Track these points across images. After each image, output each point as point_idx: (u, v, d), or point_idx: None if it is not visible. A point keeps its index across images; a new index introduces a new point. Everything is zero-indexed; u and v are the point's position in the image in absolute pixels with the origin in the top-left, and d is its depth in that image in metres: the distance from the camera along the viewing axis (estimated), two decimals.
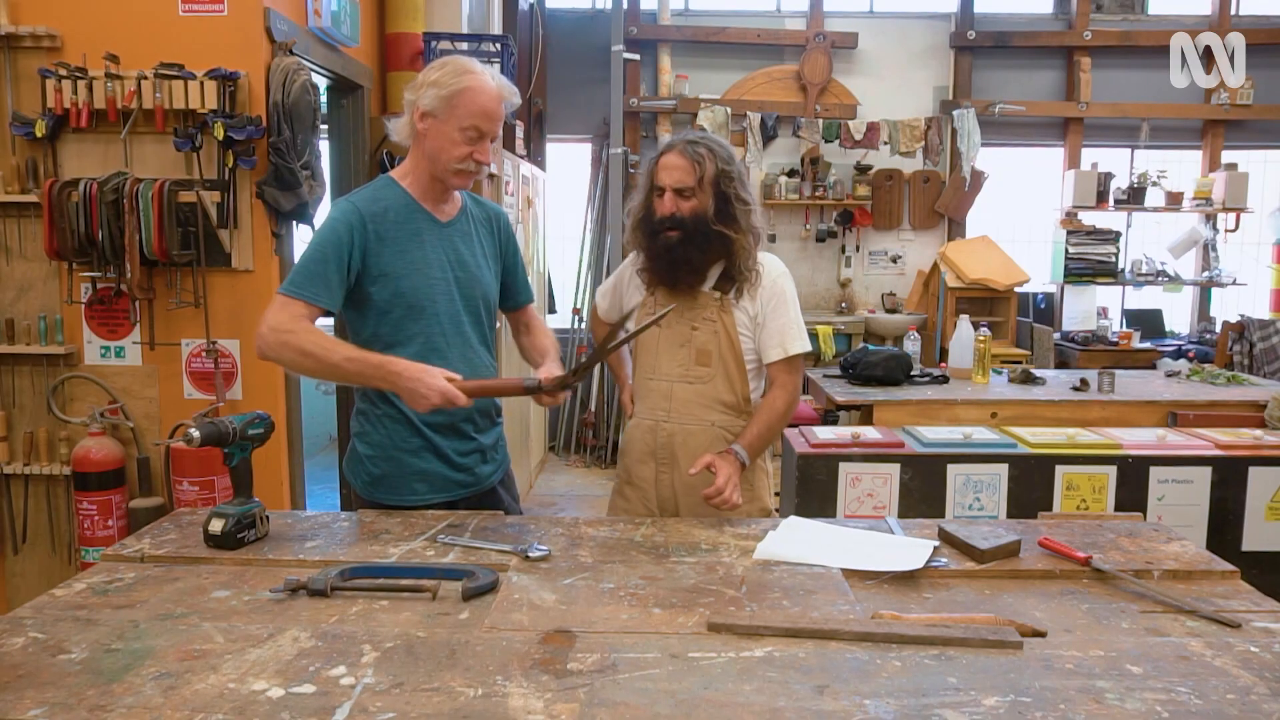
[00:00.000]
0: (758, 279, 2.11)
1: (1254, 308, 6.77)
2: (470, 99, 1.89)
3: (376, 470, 2.03)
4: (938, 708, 1.14)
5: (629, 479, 2.20)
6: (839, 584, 1.55)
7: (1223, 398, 3.68)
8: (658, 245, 2.06)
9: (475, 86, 1.89)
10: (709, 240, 2.04)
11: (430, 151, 1.94)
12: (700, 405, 2.10)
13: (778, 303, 2.11)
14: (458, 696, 1.16)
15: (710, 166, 2.03)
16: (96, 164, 3.16)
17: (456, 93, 1.88)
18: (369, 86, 4.11)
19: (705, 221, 2.03)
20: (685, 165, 2.01)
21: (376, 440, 2.03)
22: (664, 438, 2.12)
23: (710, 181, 2.03)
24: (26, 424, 3.33)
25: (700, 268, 2.07)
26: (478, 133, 1.91)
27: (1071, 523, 1.89)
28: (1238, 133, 6.81)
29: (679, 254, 2.04)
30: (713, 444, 2.09)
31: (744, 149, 6.43)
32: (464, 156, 1.92)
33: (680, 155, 2.02)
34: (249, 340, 3.24)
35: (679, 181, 2.02)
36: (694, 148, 2.03)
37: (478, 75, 1.91)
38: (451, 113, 1.89)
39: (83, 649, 1.29)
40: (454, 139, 1.90)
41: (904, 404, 3.59)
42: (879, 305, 6.86)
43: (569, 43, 6.65)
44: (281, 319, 1.84)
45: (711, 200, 2.03)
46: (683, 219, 2.02)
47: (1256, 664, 1.27)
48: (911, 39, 6.76)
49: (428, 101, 1.90)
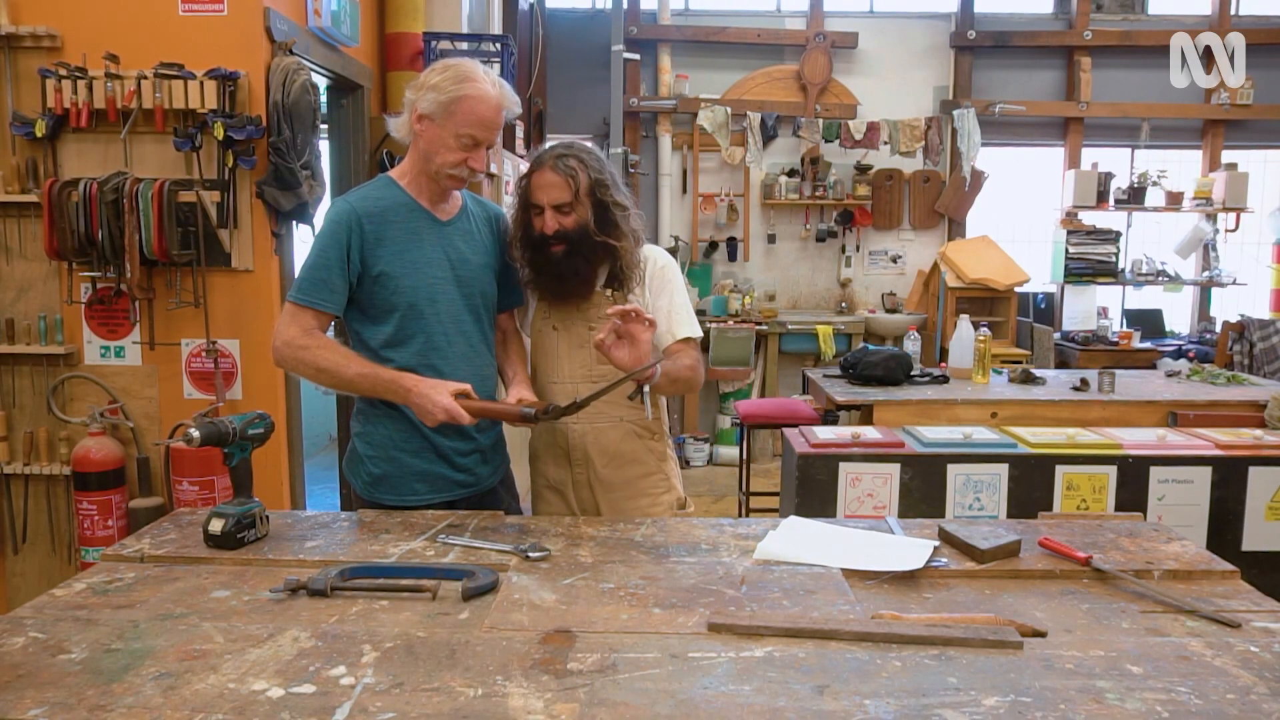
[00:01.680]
0: (644, 272, 2.13)
1: (1254, 308, 6.77)
2: (469, 107, 1.89)
3: (377, 470, 2.04)
4: (938, 708, 1.14)
5: (547, 483, 2.19)
6: (839, 584, 1.54)
7: (1223, 398, 3.68)
8: (543, 260, 2.05)
9: (475, 95, 1.89)
10: (594, 250, 2.04)
11: (425, 153, 1.95)
12: (607, 403, 2.07)
13: (660, 289, 2.13)
14: (458, 696, 1.16)
15: (584, 178, 2.01)
16: (96, 164, 3.16)
17: (455, 99, 1.88)
18: (369, 86, 4.11)
19: (588, 233, 2.02)
20: (559, 181, 2.00)
21: (377, 440, 2.03)
22: (576, 439, 2.12)
23: (586, 193, 2.02)
24: (26, 424, 3.33)
25: (589, 278, 2.07)
26: (473, 141, 1.92)
27: (1071, 523, 1.88)
28: (1238, 133, 6.81)
29: (566, 267, 2.03)
30: (624, 439, 2.13)
31: (744, 149, 6.44)
32: (458, 163, 1.93)
33: (553, 171, 2.00)
34: (249, 340, 3.25)
35: (555, 199, 2.00)
36: (564, 162, 2.01)
37: (478, 83, 1.90)
38: (449, 119, 1.89)
39: (83, 649, 1.29)
40: (449, 145, 1.91)
41: (904, 404, 3.58)
42: (879, 305, 6.86)
43: (569, 43, 6.65)
44: (293, 333, 1.91)
45: (590, 210, 2.03)
46: (566, 233, 2.02)
47: (1256, 664, 1.27)
48: (912, 39, 6.77)
49: (426, 105, 1.90)
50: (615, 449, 2.12)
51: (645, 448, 2.17)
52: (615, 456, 2.13)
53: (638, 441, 2.15)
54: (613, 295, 2.10)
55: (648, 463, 2.17)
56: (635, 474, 2.14)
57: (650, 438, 2.18)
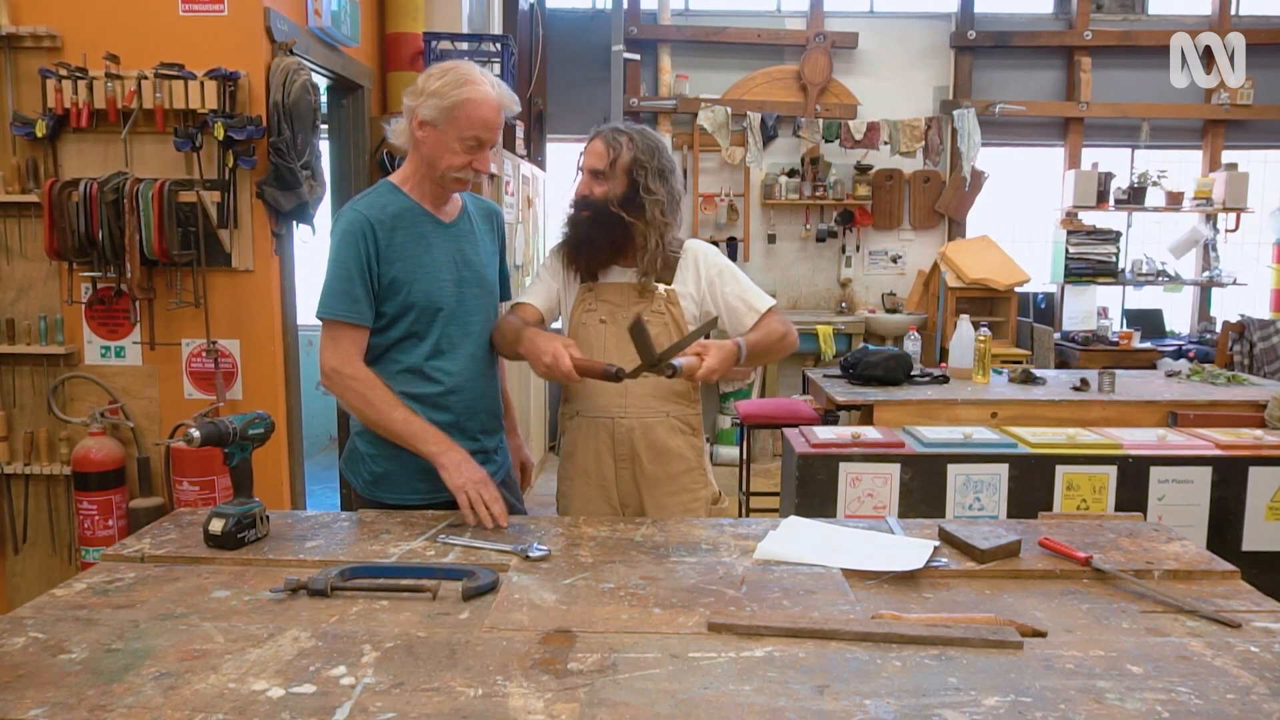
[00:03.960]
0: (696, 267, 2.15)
1: (1254, 308, 6.77)
2: (471, 110, 1.89)
3: (379, 468, 2.04)
4: (938, 708, 1.14)
5: (586, 479, 2.17)
6: (839, 584, 1.55)
7: (1223, 398, 3.68)
8: (570, 221, 2.14)
9: (475, 98, 1.89)
10: (610, 223, 2.07)
11: (428, 158, 1.96)
12: (656, 398, 2.13)
13: (723, 279, 2.16)
14: (458, 696, 1.16)
15: (626, 154, 2.06)
16: (97, 164, 3.16)
17: (457, 103, 1.88)
18: (369, 86, 4.11)
19: (607, 204, 2.07)
20: (602, 150, 2.07)
21: (379, 438, 2.02)
22: (623, 433, 2.12)
23: (623, 168, 2.06)
24: (27, 424, 3.33)
25: (600, 247, 2.11)
26: (478, 142, 1.93)
27: (1072, 523, 1.88)
28: (1238, 133, 6.81)
29: (584, 232, 2.10)
30: (670, 435, 2.14)
31: (744, 149, 6.44)
32: (463, 165, 1.95)
33: (600, 140, 2.08)
34: (249, 340, 3.25)
35: (593, 164, 2.08)
36: (615, 134, 2.08)
37: (478, 85, 1.90)
38: (451, 123, 1.90)
39: (83, 649, 1.29)
40: (453, 148, 1.92)
41: (904, 404, 3.58)
42: (879, 305, 6.86)
43: (569, 43, 6.65)
44: (340, 360, 1.94)
45: (622, 186, 2.07)
46: (592, 200, 2.08)
47: (1256, 664, 1.27)
48: (912, 39, 6.76)
49: (427, 111, 1.90)
50: (661, 444, 2.13)
51: (688, 443, 2.18)
52: (661, 451, 2.13)
53: (681, 437, 2.16)
54: (667, 292, 2.12)
55: (689, 458, 2.18)
56: (678, 469, 2.15)
57: (692, 433, 2.19)
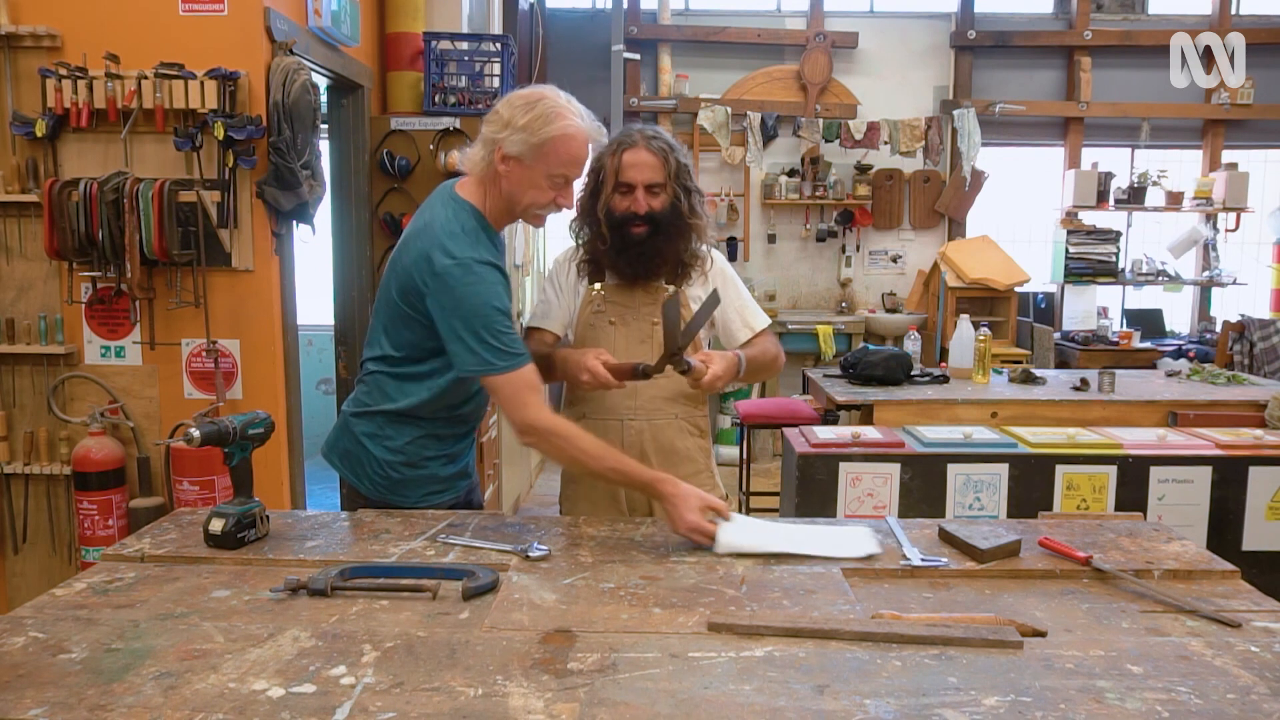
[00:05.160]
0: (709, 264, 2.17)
1: (1254, 307, 6.77)
2: (562, 147, 1.81)
3: (398, 475, 1.98)
4: (938, 707, 1.14)
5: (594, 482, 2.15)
6: (839, 584, 1.55)
7: (1223, 398, 3.68)
8: (623, 239, 2.06)
9: (569, 134, 1.81)
10: (679, 233, 2.08)
11: (510, 193, 1.87)
12: (665, 400, 2.13)
13: (726, 285, 2.17)
14: (458, 696, 1.16)
15: (673, 161, 2.06)
16: (97, 164, 3.16)
17: (548, 140, 1.80)
18: (369, 86, 4.11)
19: (679, 214, 2.06)
20: (655, 162, 2.03)
21: (399, 446, 1.97)
22: (632, 435, 2.12)
23: (673, 176, 2.06)
24: (26, 424, 3.33)
25: (671, 259, 2.10)
26: (565, 180, 1.87)
27: (1072, 522, 1.88)
28: (1238, 132, 6.81)
29: (650, 248, 2.06)
30: (679, 436, 2.14)
31: (744, 148, 6.44)
32: (548, 203, 1.88)
33: (648, 152, 2.03)
34: (249, 340, 3.25)
35: (650, 178, 2.03)
36: (657, 143, 2.05)
37: (569, 121, 1.82)
38: (541, 160, 1.81)
39: (83, 648, 1.29)
40: (540, 185, 1.84)
41: (904, 404, 3.59)
42: (879, 305, 6.85)
43: (569, 43, 6.64)
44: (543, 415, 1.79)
45: (674, 194, 2.06)
46: (655, 214, 2.04)
47: (1256, 664, 1.27)
48: (912, 39, 6.76)
49: (514, 146, 1.80)
50: (670, 445, 2.13)
51: (696, 445, 2.18)
52: (670, 454, 2.13)
53: (690, 439, 2.17)
54: (676, 293, 2.11)
55: (698, 460, 2.18)
56: (687, 471, 2.13)
57: (700, 435, 2.19)
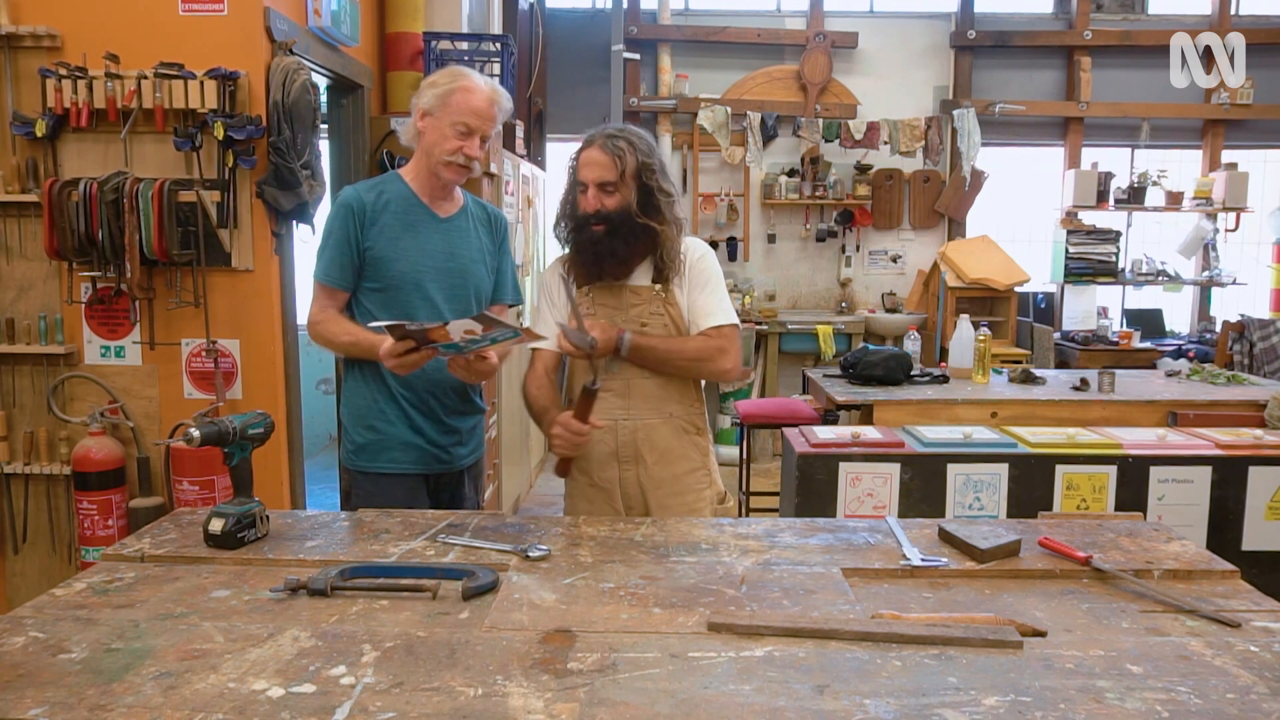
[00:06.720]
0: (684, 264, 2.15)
1: (1254, 307, 6.77)
2: (462, 97, 2.10)
3: (360, 439, 2.20)
4: (938, 707, 1.14)
5: (591, 482, 2.17)
6: (839, 584, 1.55)
7: (1223, 397, 3.68)
8: (583, 239, 2.08)
9: (467, 86, 2.11)
10: (634, 233, 2.06)
11: (427, 146, 2.14)
12: (658, 398, 2.13)
13: (702, 282, 2.15)
14: (458, 696, 1.16)
15: (631, 160, 2.04)
16: (96, 164, 3.16)
17: (450, 91, 2.10)
18: (369, 86, 4.11)
19: (630, 215, 2.05)
20: (606, 160, 2.03)
21: (357, 406, 2.21)
22: (626, 435, 2.12)
23: (632, 175, 2.05)
24: (26, 424, 3.33)
25: (626, 259, 2.09)
26: (467, 128, 2.10)
27: (1071, 522, 1.88)
28: (1238, 132, 6.81)
29: (604, 247, 2.07)
30: (674, 435, 2.14)
31: (744, 148, 6.44)
32: (454, 150, 2.11)
33: (601, 150, 2.04)
34: (249, 340, 3.25)
35: (600, 177, 2.04)
36: (614, 142, 2.05)
37: (470, 78, 2.13)
38: (445, 110, 2.10)
39: (83, 648, 1.29)
40: (446, 133, 2.10)
41: (904, 404, 3.58)
42: (879, 305, 6.86)
43: (569, 42, 6.65)
44: (314, 310, 2.17)
45: (635, 193, 2.06)
46: (608, 214, 2.05)
47: (1256, 664, 1.27)
48: (912, 39, 6.76)
49: (426, 101, 2.12)
50: (665, 445, 2.13)
51: (691, 443, 2.18)
52: (665, 453, 2.13)
53: (685, 437, 2.16)
54: (663, 292, 2.11)
55: (693, 458, 2.18)
56: (682, 470, 2.15)
57: (696, 433, 2.19)
